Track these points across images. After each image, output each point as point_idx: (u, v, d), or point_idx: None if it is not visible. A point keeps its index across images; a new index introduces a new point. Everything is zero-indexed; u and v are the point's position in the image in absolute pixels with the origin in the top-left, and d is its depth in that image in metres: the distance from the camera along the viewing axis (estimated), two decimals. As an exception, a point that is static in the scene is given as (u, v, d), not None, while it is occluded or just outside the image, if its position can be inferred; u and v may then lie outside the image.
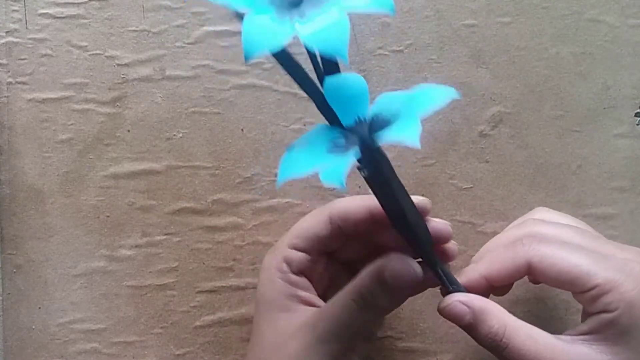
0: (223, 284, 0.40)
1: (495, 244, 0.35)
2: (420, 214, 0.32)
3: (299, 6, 0.24)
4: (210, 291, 0.40)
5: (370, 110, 0.27)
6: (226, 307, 0.40)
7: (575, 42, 0.41)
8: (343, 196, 0.36)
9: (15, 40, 0.39)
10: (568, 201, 0.41)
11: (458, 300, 0.31)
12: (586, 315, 0.31)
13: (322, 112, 0.27)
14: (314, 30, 0.23)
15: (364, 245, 0.35)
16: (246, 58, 0.23)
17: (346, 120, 0.27)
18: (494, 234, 0.41)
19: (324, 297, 0.35)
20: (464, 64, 0.41)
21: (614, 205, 0.41)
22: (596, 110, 0.41)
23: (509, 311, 0.32)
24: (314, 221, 0.34)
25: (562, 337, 0.31)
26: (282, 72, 0.40)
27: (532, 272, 0.32)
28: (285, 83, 0.40)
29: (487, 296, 0.33)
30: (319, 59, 0.27)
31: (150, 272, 0.40)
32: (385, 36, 0.40)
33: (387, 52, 0.41)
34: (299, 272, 0.34)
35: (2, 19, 0.39)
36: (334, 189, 0.40)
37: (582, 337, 0.30)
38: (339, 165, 0.25)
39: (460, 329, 0.33)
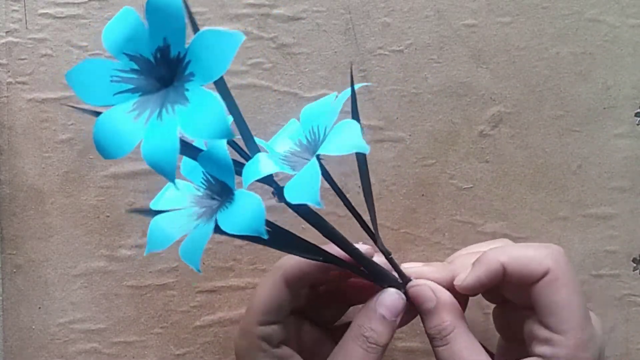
0: (223, 284, 0.40)
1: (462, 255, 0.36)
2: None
3: (168, 89, 0.23)
4: (210, 291, 0.40)
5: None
6: (226, 307, 0.40)
7: (575, 42, 0.41)
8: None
9: (15, 40, 0.39)
10: (568, 201, 0.41)
11: (429, 286, 0.33)
12: (525, 354, 0.32)
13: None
14: (149, 149, 0.22)
15: (331, 301, 0.36)
16: (104, 158, 0.23)
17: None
18: (494, 234, 0.41)
19: (311, 356, 0.35)
20: (464, 64, 0.41)
21: (614, 205, 0.41)
22: (596, 110, 0.41)
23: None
24: (272, 292, 0.34)
25: None
26: (283, 71, 0.40)
27: (505, 273, 0.32)
28: (285, 83, 0.40)
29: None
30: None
31: (150, 272, 0.40)
32: (385, 36, 0.40)
33: (387, 52, 0.41)
34: (280, 344, 0.34)
35: (2, 19, 0.39)
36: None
37: None
38: (198, 242, 0.25)
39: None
